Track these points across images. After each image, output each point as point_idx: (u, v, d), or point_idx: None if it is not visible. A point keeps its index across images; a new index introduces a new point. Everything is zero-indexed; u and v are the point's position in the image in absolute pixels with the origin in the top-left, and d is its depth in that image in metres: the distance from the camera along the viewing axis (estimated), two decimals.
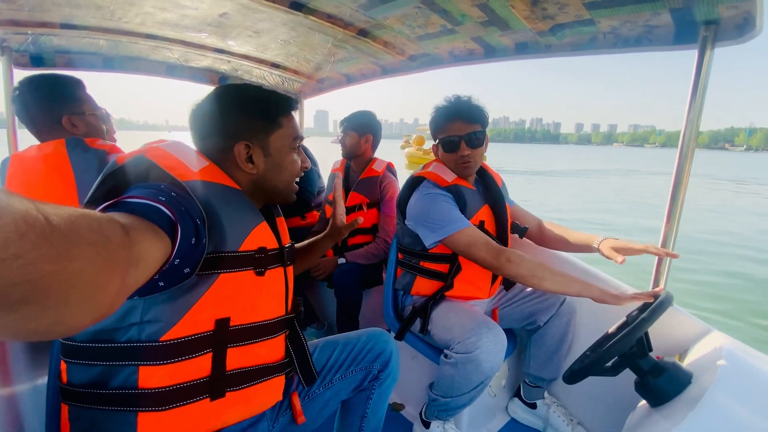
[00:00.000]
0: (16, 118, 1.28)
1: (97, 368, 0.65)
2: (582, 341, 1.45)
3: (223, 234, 0.69)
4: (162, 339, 0.65)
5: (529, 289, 1.45)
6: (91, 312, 0.36)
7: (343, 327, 1.83)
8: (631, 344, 0.95)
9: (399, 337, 1.36)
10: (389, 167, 2.03)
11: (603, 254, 1.22)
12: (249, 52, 2.04)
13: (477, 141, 1.28)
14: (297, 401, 0.91)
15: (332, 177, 2.08)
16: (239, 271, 0.72)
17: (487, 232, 1.31)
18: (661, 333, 1.18)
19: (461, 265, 1.30)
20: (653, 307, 0.97)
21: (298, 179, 0.88)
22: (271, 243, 0.79)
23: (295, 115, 0.87)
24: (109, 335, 0.64)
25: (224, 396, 0.72)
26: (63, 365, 0.69)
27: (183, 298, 0.65)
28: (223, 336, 0.71)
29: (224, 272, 0.69)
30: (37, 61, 1.88)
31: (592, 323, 1.40)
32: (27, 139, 1.31)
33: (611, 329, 1.11)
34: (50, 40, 1.70)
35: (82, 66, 2.03)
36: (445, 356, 1.16)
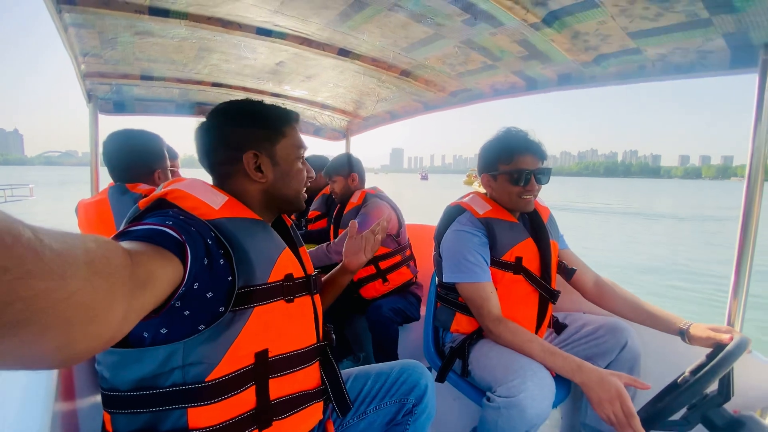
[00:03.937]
0: (100, 161, 1.44)
1: (144, 416, 0.65)
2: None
3: (252, 268, 0.70)
4: (207, 379, 0.65)
5: (583, 330, 1.34)
6: (97, 335, 0.35)
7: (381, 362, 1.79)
8: (701, 393, 0.84)
9: (440, 378, 1.30)
10: (370, 193, 2.03)
11: (693, 340, 1.09)
12: (302, 96, 2.22)
13: (545, 178, 1.26)
14: (332, 429, 0.89)
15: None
16: (271, 302, 0.73)
17: (526, 270, 1.25)
18: (740, 384, 1.04)
19: (501, 304, 1.24)
20: (727, 351, 0.86)
21: (305, 188, 0.89)
22: (296, 270, 0.80)
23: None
24: (152, 382, 0.64)
25: (271, 425, 0.73)
26: (107, 416, 0.68)
27: (222, 336, 0.66)
28: (264, 368, 0.72)
29: (258, 305, 0.70)
30: (119, 107, 2.17)
31: (661, 369, 1.25)
32: (107, 179, 1.45)
33: (681, 377, 0.99)
34: (131, 89, 1.96)
35: (157, 112, 2.31)
36: (488, 399, 1.09)
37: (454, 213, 1.33)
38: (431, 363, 1.43)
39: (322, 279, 1.08)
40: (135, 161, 1.30)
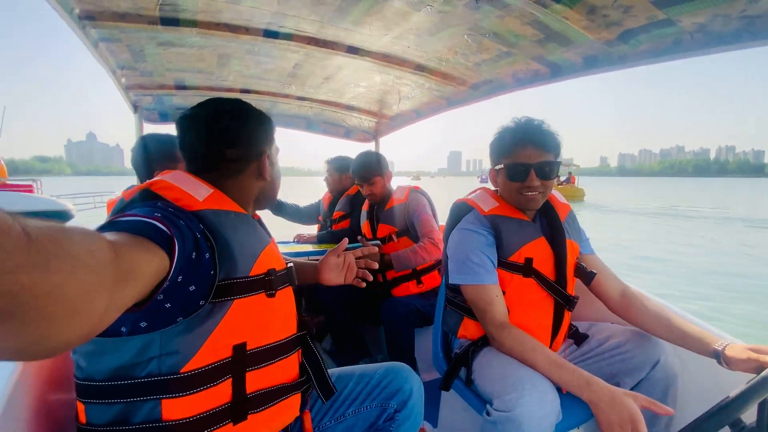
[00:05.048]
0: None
1: (118, 406, 0.64)
2: (689, 415, 1.10)
3: (234, 260, 0.69)
4: (183, 370, 0.64)
5: (608, 343, 1.18)
6: (77, 328, 0.34)
7: None
8: (734, 420, 0.69)
9: (444, 387, 1.21)
10: (414, 190, 2.02)
11: (731, 364, 0.91)
12: (327, 98, 2.25)
13: (549, 172, 1.12)
14: (308, 421, 0.87)
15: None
16: (252, 295, 0.71)
17: (537, 272, 1.13)
18: None
19: (510, 309, 1.13)
20: (765, 373, 0.70)
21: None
22: (278, 263, 0.79)
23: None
24: (127, 372, 0.63)
25: (246, 419, 0.71)
26: (80, 406, 0.67)
27: (200, 327, 0.65)
28: (241, 361, 0.70)
29: (238, 298, 0.69)
30: (163, 117, 2.37)
31: (702, 393, 1.06)
32: None
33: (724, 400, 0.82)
34: (170, 99, 2.12)
35: None
36: (487, 413, 0.99)
37: (461, 211, 1.25)
38: (439, 370, 1.35)
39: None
40: (138, 162, 1.42)
